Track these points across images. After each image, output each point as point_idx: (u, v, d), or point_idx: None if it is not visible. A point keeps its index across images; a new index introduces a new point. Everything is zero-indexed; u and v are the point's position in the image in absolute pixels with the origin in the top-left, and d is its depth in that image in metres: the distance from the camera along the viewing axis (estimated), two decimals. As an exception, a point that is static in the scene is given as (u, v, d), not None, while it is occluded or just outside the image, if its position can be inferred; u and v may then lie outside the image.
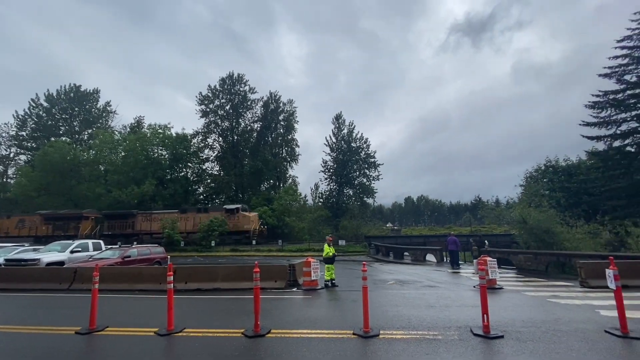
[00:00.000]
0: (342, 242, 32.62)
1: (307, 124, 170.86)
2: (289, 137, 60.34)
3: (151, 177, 45.87)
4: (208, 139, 56.66)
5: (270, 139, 59.01)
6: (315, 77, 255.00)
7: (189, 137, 54.15)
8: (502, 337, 5.23)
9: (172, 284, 6.03)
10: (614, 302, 5.91)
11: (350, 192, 55.02)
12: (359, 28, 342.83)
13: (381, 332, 5.58)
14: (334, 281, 11.18)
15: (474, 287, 10.96)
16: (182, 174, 54.23)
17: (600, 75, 29.35)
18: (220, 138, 57.33)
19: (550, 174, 41.55)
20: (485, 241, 24.68)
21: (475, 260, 14.05)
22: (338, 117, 56.78)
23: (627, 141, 27.92)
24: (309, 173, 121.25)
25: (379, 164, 54.08)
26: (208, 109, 55.91)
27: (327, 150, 56.10)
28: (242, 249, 32.97)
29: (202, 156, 56.28)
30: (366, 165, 54.25)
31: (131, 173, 45.45)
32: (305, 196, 59.32)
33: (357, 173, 54.45)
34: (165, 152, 51.88)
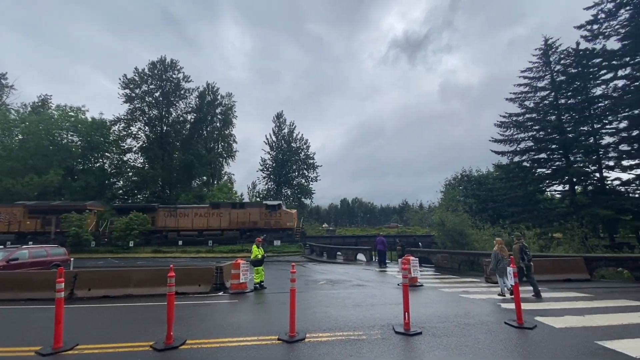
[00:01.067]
0: (277, 243, 32.12)
1: (248, 121, 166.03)
2: (226, 132, 57.69)
3: (57, 166, 39.47)
4: (132, 127, 50.93)
5: (205, 132, 55.62)
6: (259, 73, 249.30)
7: (108, 124, 48.02)
8: (420, 333, 5.48)
9: (62, 292, 5.01)
10: (511, 296, 6.68)
11: (289, 192, 54.84)
12: (305, 30, 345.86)
13: (307, 335, 5.41)
14: (262, 283, 10.74)
15: (398, 285, 11.58)
16: (98, 164, 47.85)
17: (507, 99, 34.04)
18: (147, 127, 52.04)
19: (465, 183, 47.02)
20: (420, 243, 26.59)
21: (399, 260, 14.93)
22: (279, 116, 56.19)
23: (524, 157, 32.80)
24: (247, 171, 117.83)
25: (318, 166, 54.98)
26: (134, 94, 50.33)
27: (267, 148, 55.12)
28: (166, 250, 30.29)
29: (124, 146, 50.39)
30: (305, 166, 54.64)
31: (30, 160, 38.61)
32: (241, 195, 57.34)
33: (296, 173, 54.54)
34: (78, 139, 45.17)
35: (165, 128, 52.38)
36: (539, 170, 31.87)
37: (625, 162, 26.26)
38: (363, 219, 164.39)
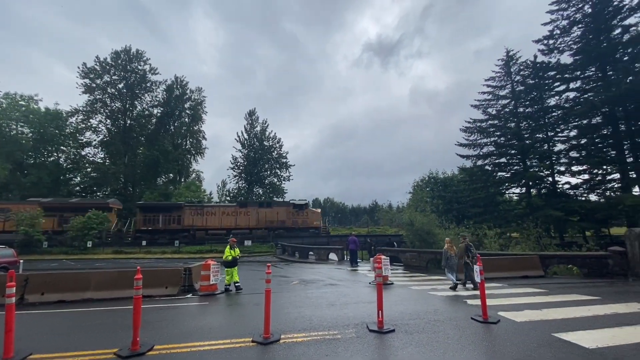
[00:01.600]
0: (248, 243, 31.51)
1: (219, 117, 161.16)
2: (196, 128, 55.80)
3: (4, 159, 36.05)
4: (92, 120, 47.80)
5: (172, 127, 53.41)
6: (231, 70, 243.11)
7: (65, 115, 44.67)
8: (393, 330, 5.61)
9: (12, 297, 4.56)
10: (477, 293, 7.03)
11: (260, 191, 53.99)
12: (279, 28, 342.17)
13: (282, 336, 5.34)
14: (237, 284, 10.41)
15: (370, 283, 11.81)
16: (52, 158, 44.32)
17: (472, 105, 35.91)
18: (109, 120, 49.06)
19: (432, 184, 48.99)
20: (395, 243, 27.21)
21: (371, 259, 15.22)
22: (251, 113, 55.15)
23: (486, 161, 34.79)
24: (217, 169, 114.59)
25: (291, 165, 54.61)
26: (94, 85, 47.26)
27: (238, 146, 53.87)
28: (128, 251, 28.70)
29: (82, 139, 47.11)
30: (278, 165, 54.08)
31: (-29, 152, 34.94)
32: (210, 193, 55.70)
33: (268, 172, 53.82)
34: (29, 130, 41.56)
35: (129, 122, 49.66)
36: (499, 173, 33.88)
37: (574, 168, 28.66)
38: (334, 218, 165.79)
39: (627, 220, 24.38)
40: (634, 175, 25.26)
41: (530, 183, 31.02)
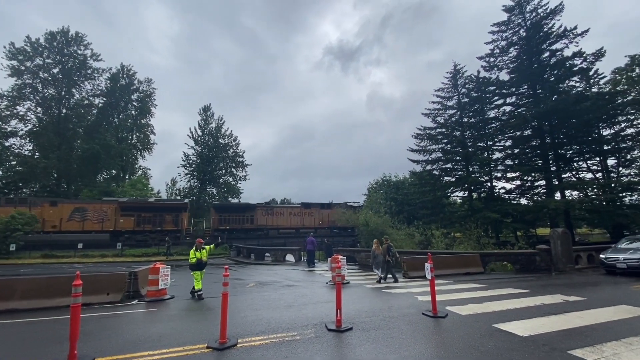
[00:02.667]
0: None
1: (172, 111, 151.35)
2: (143, 122, 51.99)
3: None
4: (19, 107, 42.11)
5: (117, 120, 49.20)
6: (186, 62, 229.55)
7: (-17, 100, 38.85)
8: (351, 329, 5.74)
9: None
10: (427, 289, 7.47)
11: (214, 191, 51.88)
12: (239, 23, 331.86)
13: (239, 340, 5.19)
14: (199, 292, 9.42)
15: (327, 283, 11.96)
16: (-35, 149, 38.31)
17: (423, 114, 38.16)
18: (40, 108, 43.66)
19: (385, 187, 51.18)
20: (358, 244, 27.77)
21: (329, 259, 15.42)
22: (206, 109, 52.79)
23: (434, 166, 37.16)
24: (167, 166, 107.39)
25: (248, 164, 53.27)
26: (23, 67, 41.80)
27: (191, 143, 51.16)
28: (61, 255, 25.81)
29: (6, 128, 41.31)
30: (233, 164, 52.42)
31: None
32: (158, 192, 52.24)
33: (223, 171, 51.93)
34: None
35: (64, 111, 44.67)
36: (445, 178, 36.39)
37: (509, 174, 31.87)
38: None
39: (550, 221, 27.73)
40: (556, 182, 28.81)
41: (472, 187, 33.81)
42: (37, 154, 41.84)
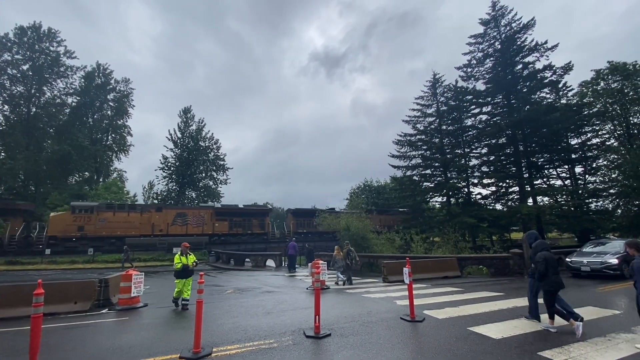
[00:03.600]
0: (175, 250, 29.11)
1: (152, 113, 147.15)
2: (120, 122, 50.18)
3: None
4: (-18, 104, 39.71)
5: (91, 120, 47.29)
6: (168, 63, 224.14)
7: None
8: (329, 335, 5.70)
9: None
10: (406, 294, 7.55)
11: (193, 195, 50.66)
12: (224, 26, 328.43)
13: (214, 349, 5.03)
14: (185, 302, 8.60)
15: (307, 289, 11.87)
16: None
17: (403, 121, 38.96)
18: (7, 106, 41.34)
19: (367, 192, 51.77)
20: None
21: (309, 264, 15.33)
22: (186, 111, 51.70)
23: (414, 172, 38.01)
24: (146, 169, 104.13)
25: (229, 168, 52.41)
26: (-12, 62, 39.51)
27: (170, 145, 49.82)
28: (26, 261, 24.35)
29: (-33, 127, 38.87)
30: (214, 167, 51.44)
31: None
32: (134, 195, 50.43)
33: (203, 174, 50.85)
34: None
35: (34, 110, 42.50)
36: (425, 183, 37.22)
37: (485, 181, 32.96)
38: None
39: (523, 226, 28.85)
40: (529, 189, 30.06)
41: (450, 193, 34.74)
42: (2, 154, 39.50)
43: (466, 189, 34.69)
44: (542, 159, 31.50)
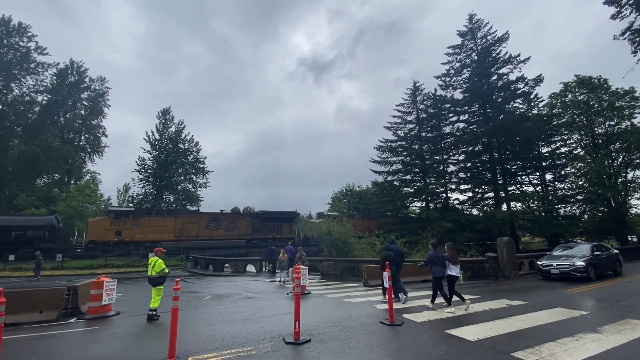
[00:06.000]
0: (151, 255, 28.20)
1: (132, 114, 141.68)
2: (94, 123, 48.26)
3: None
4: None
5: (62, 119, 45.22)
6: (150, 63, 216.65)
7: None
8: (309, 340, 5.64)
9: None
10: (386, 299, 7.61)
11: (171, 198, 49.22)
12: (210, 28, 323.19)
13: (190, 358, 4.87)
14: (153, 311, 8.00)
15: (288, 294, 11.75)
16: None
17: (385, 127, 39.72)
18: (-31, 103, 38.91)
19: (349, 196, 52.13)
20: (321, 253, 27.57)
21: (290, 269, 15.19)
22: (165, 112, 50.35)
23: (395, 177, 38.70)
24: (123, 171, 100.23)
25: (209, 171, 51.32)
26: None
27: (148, 147, 48.27)
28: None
29: None
30: (194, 171, 50.25)
31: None
32: (109, 199, 48.50)
33: (182, 177, 49.54)
34: None
35: (0, 107, 40.16)
36: (405, 188, 37.91)
37: (462, 186, 34.01)
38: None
39: (498, 230, 29.85)
40: (503, 194, 31.22)
41: (429, 198, 35.54)
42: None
43: (444, 195, 35.61)
44: (515, 166, 32.85)
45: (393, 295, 7.43)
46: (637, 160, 30.73)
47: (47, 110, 43.65)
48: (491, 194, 32.77)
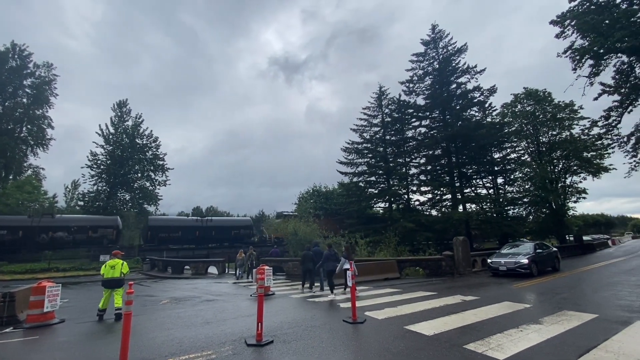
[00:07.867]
0: (105, 258, 26.21)
1: (87, 106, 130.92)
2: (38, 113, 43.88)
3: None
4: None
5: (0, 108, 40.68)
6: (109, 52, 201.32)
7: None
8: (272, 342, 5.58)
9: None
10: (349, 297, 7.75)
11: (127, 197, 46.21)
12: (176, 18, 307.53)
13: (144, 366, 4.60)
14: (101, 312, 8.30)
15: (251, 295, 11.54)
16: None
17: (352, 129, 40.52)
18: None
19: (316, 197, 52.37)
20: (286, 253, 27.28)
21: (254, 270, 14.93)
22: (122, 104, 47.20)
23: (360, 179, 39.62)
24: (73, 167, 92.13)
25: (169, 168, 48.85)
26: None
27: (101, 141, 44.85)
28: None
29: None
30: (152, 168, 47.54)
31: None
32: (54, 196, 44.41)
33: (139, 175, 46.68)
34: None
35: None
36: (369, 190, 38.90)
37: (422, 188, 35.56)
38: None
39: (454, 230, 31.61)
40: (460, 196, 33.14)
41: (392, 199, 36.78)
42: None
43: (406, 196, 37.04)
44: (471, 170, 35.03)
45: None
46: (575, 167, 34.15)
47: (-19, 97, 39.01)
48: (449, 196, 34.66)
